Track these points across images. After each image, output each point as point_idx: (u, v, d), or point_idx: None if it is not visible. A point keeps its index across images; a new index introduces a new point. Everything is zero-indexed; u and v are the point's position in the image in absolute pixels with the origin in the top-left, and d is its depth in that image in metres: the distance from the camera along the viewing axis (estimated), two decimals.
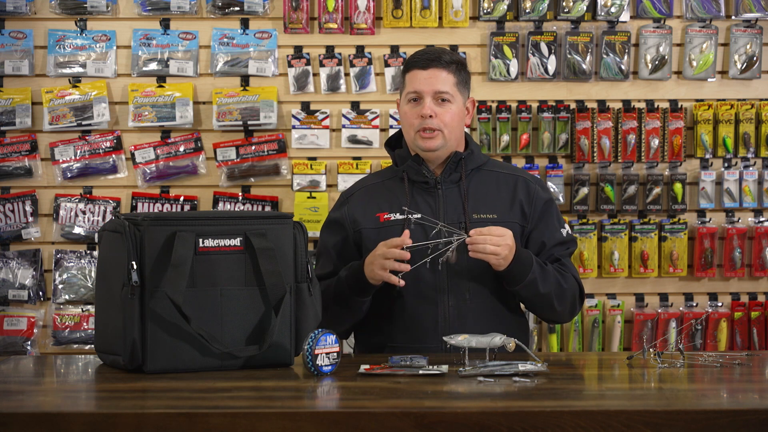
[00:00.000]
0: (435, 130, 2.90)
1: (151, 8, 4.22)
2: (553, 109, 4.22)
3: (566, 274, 2.93)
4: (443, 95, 2.91)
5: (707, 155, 4.25)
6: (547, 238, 2.96)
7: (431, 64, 2.92)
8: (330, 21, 4.20)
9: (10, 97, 4.21)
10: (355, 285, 2.84)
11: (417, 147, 2.93)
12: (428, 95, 2.90)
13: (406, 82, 2.96)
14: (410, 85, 2.93)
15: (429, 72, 2.91)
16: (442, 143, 2.91)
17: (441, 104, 2.91)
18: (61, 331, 4.19)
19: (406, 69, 2.97)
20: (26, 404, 2.22)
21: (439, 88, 2.90)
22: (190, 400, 2.19)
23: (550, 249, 2.96)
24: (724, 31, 4.27)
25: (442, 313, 2.87)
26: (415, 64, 2.94)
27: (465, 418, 2.02)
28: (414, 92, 2.92)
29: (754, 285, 4.29)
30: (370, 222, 2.95)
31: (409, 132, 2.94)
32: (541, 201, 2.98)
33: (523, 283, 2.82)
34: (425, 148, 2.92)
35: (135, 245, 2.46)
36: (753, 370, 2.52)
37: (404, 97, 2.96)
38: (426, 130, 2.90)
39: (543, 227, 2.97)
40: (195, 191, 4.25)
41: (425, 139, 2.91)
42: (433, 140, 2.91)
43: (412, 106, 2.93)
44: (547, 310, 2.94)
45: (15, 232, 4.22)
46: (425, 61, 2.92)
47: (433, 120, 2.89)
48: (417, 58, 2.95)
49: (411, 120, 2.92)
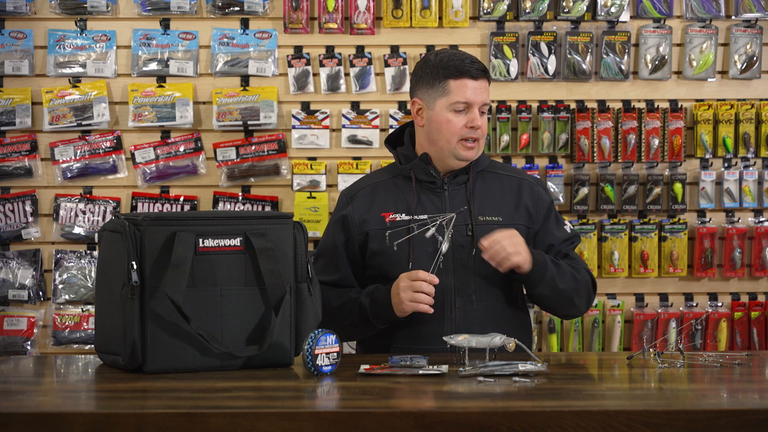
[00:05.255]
0: (476, 140, 2.90)
1: (151, 8, 4.22)
2: (553, 109, 4.22)
3: (578, 267, 2.94)
4: (485, 107, 2.91)
5: (707, 155, 4.25)
6: (553, 238, 2.96)
7: (482, 75, 2.89)
8: (330, 21, 4.20)
9: (10, 97, 4.21)
10: (382, 315, 2.84)
11: (455, 156, 2.90)
12: (477, 106, 2.88)
13: (451, 89, 2.88)
14: (460, 94, 2.87)
15: (480, 83, 2.89)
16: (477, 152, 2.93)
17: (482, 115, 2.91)
18: (61, 331, 4.19)
19: (449, 75, 2.88)
20: (26, 404, 2.22)
21: (486, 99, 2.91)
22: (190, 400, 2.19)
23: (558, 247, 2.96)
24: (724, 31, 4.28)
25: (449, 315, 2.87)
26: (467, 72, 2.88)
27: (465, 418, 2.02)
28: (465, 102, 2.87)
29: (754, 285, 4.29)
30: (375, 222, 2.94)
31: (449, 139, 2.89)
32: (545, 203, 2.99)
33: (544, 281, 2.83)
34: (466, 158, 2.90)
35: (135, 245, 2.46)
36: (753, 370, 2.52)
37: (448, 104, 2.89)
38: (469, 140, 2.89)
39: (548, 228, 2.97)
40: (195, 191, 4.25)
41: (468, 149, 2.89)
42: (473, 150, 2.91)
43: (458, 115, 2.88)
44: (568, 306, 2.94)
45: (15, 232, 4.22)
46: (476, 71, 2.88)
47: (478, 131, 2.89)
48: (466, 66, 2.88)
49: (455, 128, 2.88)
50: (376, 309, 2.83)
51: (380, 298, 2.82)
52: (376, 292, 2.85)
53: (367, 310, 2.85)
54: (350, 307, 2.88)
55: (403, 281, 2.77)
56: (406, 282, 2.76)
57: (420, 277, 2.75)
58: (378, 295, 2.84)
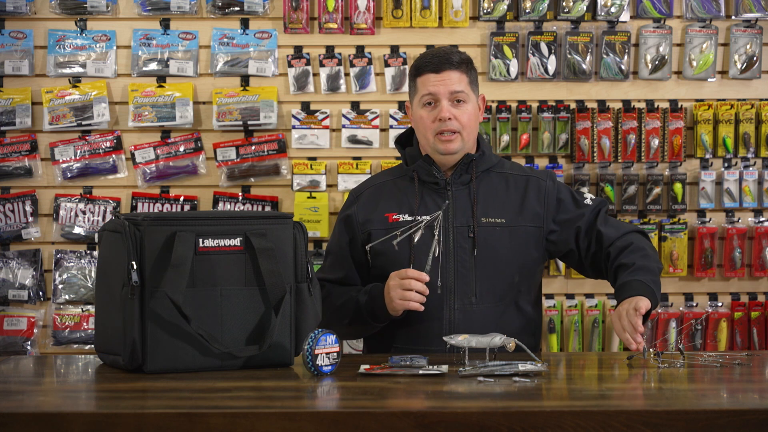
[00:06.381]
0: (454, 132, 2.87)
1: (151, 8, 4.22)
2: (553, 109, 4.22)
3: (635, 243, 2.86)
4: (459, 96, 2.88)
5: (707, 155, 4.25)
6: (577, 221, 2.92)
7: (443, 66, 2.88)
8: (330, 21, 4.20)
9: (10, 97, 4.21)
10: (378, 314, 2.84)
11: (436, 150, 2.90)
12: (444, 97, 2.87)
13: (418, 86, 2.91)
14: (424, 89, 2.89)
15: (442, 74, 2.87)
16: (461, 145, 2.89)
17: (457, 105, 2.88)
18: (61, 331, 4.19)
19: (416, 73, 2.92)
20: (26, 404, 2.22)
21: (454, 88, 2.87)
22: (190, 400, 2.19)
23: (587, 225, 2.92)
24: (724, 31, 4.28)
25: (448, 317, 2.86)
26: (427, 67, 2.89)
27: (465, 418, 2.02)
28: (429, 95, 2.88)
29: (754, 285, 4.29)
30: (378, 223, 2.94)
31: (426, 136, 2.90)
32: (553, 194, 2.95)
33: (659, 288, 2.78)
34: (445, 151, 2.88)
35: (135, 245, 2.46)
36: (753, 370, 2.52)
37: (417, 101, 2.91)
38: (444, 132, 2.87)
39: (568, 214, 2.94)
40: (195, 191, 4.25)
41: (445, 142, 2.87)
42: (453, 143, 2.88)
43: (428, 110, 2.89)
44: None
45: (15, 232, 4.22)
46: (437, 63, 2.88)
47: (452, 122, 2.86)
48: (427, 61, 2.91)
49: (427, 124, 2.89)
50: (373, 307, 2.83)
51: (376, 297, 2.83)
52: (374, 291, 2.85)
53: (362, 308, 2.85)
54: (350, 305, 2.89)
55: (392, 280, 2.78)
56: (395, 281, 2.77)
57: (409, 276, 2.75)
58: (374, 294, 2.84)
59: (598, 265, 2.94)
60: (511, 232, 2.90)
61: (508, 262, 2.89)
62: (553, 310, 4.20)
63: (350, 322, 2.89)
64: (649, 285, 2.73)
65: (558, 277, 4.25)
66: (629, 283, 2.74)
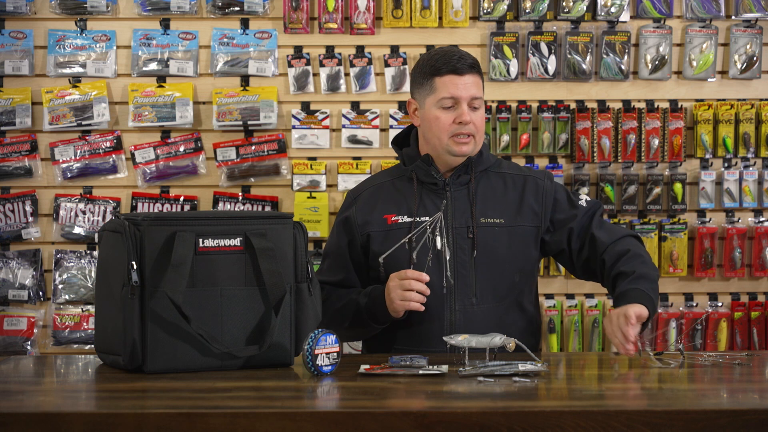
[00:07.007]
0: (469, 135, 2.88)
1: (151, 8, 4.22)
2: (553, 109, 4.22)
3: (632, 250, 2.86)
4: (477, 101, 2.88)
5: (707, 155, 4.25)
6: (569, 221, 2.93)
7: (468, 69, 2.87)
8: (330, 21, 4.20)
9: (10, 97, 4.21)
10: (378, 315, 2.83)
11: (448, 152, 2.89)
12: (465, 101, 2.86)
13: (437, 86, 2.88)
14: (445, 90, 2.87)
15: (466, 78, 2.86)
16: (474, 148, 2.90)
17: (473, 110, 2.88)
18: (61, 331, 4.19)
19: (436, 73, 2.88)
20: (26, 404, 2.22)
21: (475, 93, 2.87)
22: (190, 400, 2.19)
23: (580, 227, 2.92)
24: (724, 31, 4.28)
25: (449, 318, 2.86)
26: (451, 69, 2.87)
27: (465, 418, 2.02)
28: (451, 98, 2.86)
29: (754, 285, 4.29)
30: (377, 224, 2.93)
31: (440, 137, 2.88)
32: (550, 194, 2.95)
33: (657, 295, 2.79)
34: (460, 153, 2.88)
35: (135, 245, 2.46)
36: (753, 370, 2.52)
37: (435, 101, 2.88)
38: (461, 135, 2.87)
39: (562, 214, 2.94)
40: (195, 191, 4.25)
41: (461, 144, 2.87)
42: (468, 145, 2.88)
43: (447, 112, 2.87)
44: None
45: (15, 232, 4.22)
46: (462, 66, 2.87)
47: (469, 126, 2.87)
48: (450, 62, 2.88)
49: (445, 125, 2.87)
50: (373, 309, 2.83)
51: (376, 299, 2.83)
52: (374, 292, 2.85)
53: (363, 310, 2.85)
54: (350, 307, 2.89)
55: (392, 281, 2.78)
56: (395, 282, 2.77)
57: (408, 276, 2.75)
58: (375, 296, 2.84)
59: (589, 268, 2.94)
60: (510, 232, 2.90)
61: (507, 262, 2.89)
62: (553, 310, 4.20)
63: (350, 324, 2.89)
64: (648, 293, 2.74)
65: (558, 277, 4.25)
66: (629, 291, 2.75)
